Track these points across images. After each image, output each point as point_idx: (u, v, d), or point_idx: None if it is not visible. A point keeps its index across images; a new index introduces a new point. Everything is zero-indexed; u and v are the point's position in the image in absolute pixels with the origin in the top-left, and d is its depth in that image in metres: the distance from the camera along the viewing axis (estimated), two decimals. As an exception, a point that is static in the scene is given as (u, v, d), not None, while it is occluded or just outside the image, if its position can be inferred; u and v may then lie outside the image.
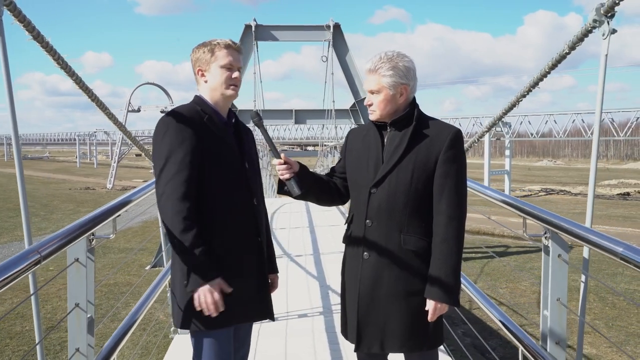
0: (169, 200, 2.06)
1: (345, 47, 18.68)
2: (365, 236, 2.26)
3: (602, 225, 22.87)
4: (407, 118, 2.26)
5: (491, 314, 2.99)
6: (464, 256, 8.68)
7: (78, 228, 2.10)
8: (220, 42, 2.26)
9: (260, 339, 4.06)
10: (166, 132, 2.14)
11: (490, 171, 35.09)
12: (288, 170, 2.23)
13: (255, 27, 18.34)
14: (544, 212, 2.35)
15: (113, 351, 2.36)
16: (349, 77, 18.46)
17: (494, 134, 39.07)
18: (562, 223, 2.25)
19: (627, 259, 1.77)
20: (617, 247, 1.84)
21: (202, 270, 2.07)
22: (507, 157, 37.46)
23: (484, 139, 37.62)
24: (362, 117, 18.23)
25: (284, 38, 19.00)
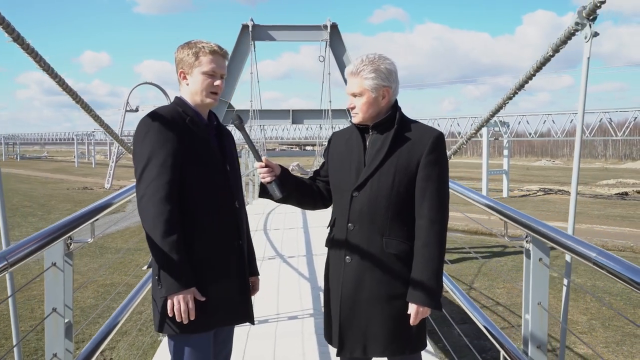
0: (149, 203, 2.05)
1: (342, 47, 18.70)
2: (347, 240, 2.25)
3: (600, 225, 22.89)
4: (389, 121, 2.25)
5: (474, 318, 2.98)
6: (460, 256, 8.75)
7: (52, 232, 2.06)
8: (206, 46, 2.22)
9: (249, 340, 4.06)
10: (147, 133, 2.12)
11: (489, 171, 35.07)
12: (269, 174, 2.22)
13: (252, 27, 18.34)
14: (523, 216, 2.35)
15: (92, 355, 2.33)
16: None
17: (493, 134, 39.09)
18: (539, 227, 2.24)
19: (600, 264, 1.77)
20: (590, 252, 1.85)
21: (179, 277, 2.05)
22: (506, 157, 37.46)
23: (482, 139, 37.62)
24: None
25: (281, 38, 18.99)
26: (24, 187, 35.85)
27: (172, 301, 2.06)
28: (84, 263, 14.31)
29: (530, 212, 26.92)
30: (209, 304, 2.16)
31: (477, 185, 36.60)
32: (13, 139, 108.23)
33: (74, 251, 2.27)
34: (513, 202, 30.69)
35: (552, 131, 42.74)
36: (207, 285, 2.17)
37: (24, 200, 27.94)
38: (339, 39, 18.61)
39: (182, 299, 2.05)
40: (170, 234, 2.02)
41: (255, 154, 2.24)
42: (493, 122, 38.18)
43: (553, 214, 25.86)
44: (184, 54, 2.23)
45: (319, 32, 18.71)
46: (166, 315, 2.13)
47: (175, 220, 2.05)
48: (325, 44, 18.67)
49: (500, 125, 38.26)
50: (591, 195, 34.97)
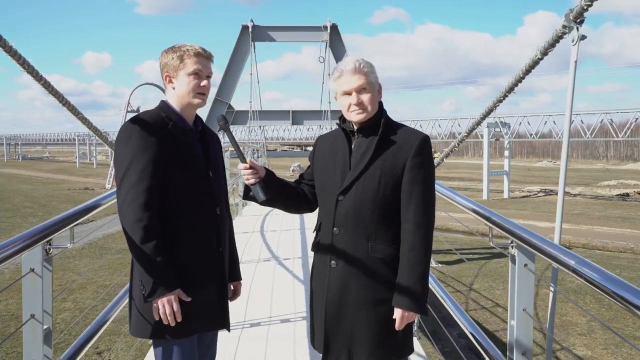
0: (129, 208, 2.04)
1: (342, 48, 18.69)
2: (332, 244, 2.24)
3: (601, 226, 22.82)
4: (374, 124, 2.23)
5: (460, 323, 2.96)
6: (460, 258, 8.71)
7: (29, 237, 2.04)
8: (190, 49, 2.22)
9: (240, 342, 4.05)
10: (129, 139, 2.11)
11: (490, 172, 35.02)
12: (254, 175, 2.19)
13: (252, 27, 18.33)
14: (507, 222, 2.33)
15: (75, 356, 2.29)
16: (346, 78, 18.42)
17: (493, 135, 39.03)
18: (521, 233, 2.23)
19: (579, 272, 1.75)
20: (570, 260, 1.83)
21: (162, 281, 2.05)
22: (507, 158, 37.40)
23: (483, 140, 37.57)
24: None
25: (281, 39, 18.98)
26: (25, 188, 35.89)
27: (156, 305, 2.06)
28: (84, 264, 14.31)
29: (531, 213, 26.89)
30: (187, 309, 2.15)
31: (478, 186, 36.58)
32: (15, 140, 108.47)
33: (54, 256, 2.23)
34: (514, 203, 30.65)
35: (554, 132, 42.69)
36: (187, 290, 2.16)
37: (25, 201, 27.96)
38: (339, 39, 18.62)
39: (166, 302, 2.06)
40: (150, 240, 2.02)
41: (240, 156, 2.22)
42: (494, 123, 38.16)
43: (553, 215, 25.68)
44: (169, 57, 2.23)
45: (319, 33, 18.70)
46: (148, 320, 2.13)
47: (155, 226, 2.05)
48: (325, 44, 18.67)
49: (501, 126, 38.21)
50: (592, 196, 34.90)
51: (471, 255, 17.93)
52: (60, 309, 9.81)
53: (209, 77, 2.27)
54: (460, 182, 44.56)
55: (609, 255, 18.00)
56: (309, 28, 18.91)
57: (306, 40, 19.31)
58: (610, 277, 1.62)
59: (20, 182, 41.81)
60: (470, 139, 59.64)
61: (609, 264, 16.50)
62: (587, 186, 40.24)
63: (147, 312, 2.15)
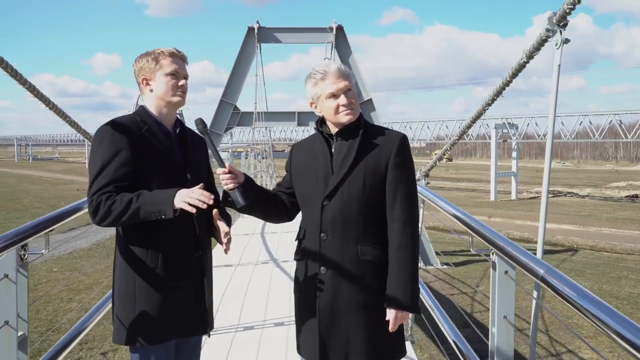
0: (98, 207, 2.07)
1: (348, 49, 18.64)
2: (321, 250, 2.21)
3: (609, 228, 22.64)
4: (353, 127, 2.24)
5: (444, 330, 2.93)
6: (466, 259, 8.65)
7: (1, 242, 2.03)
8: (165, 50, 2.24)
9: (233, 345, 4.05)
10: (101, 142, 2.13)
11: (497, 173, 34.85)
12: (232, 180, 2.17)
13: (258, 29, 18.32)
14: (486, 230, 2.30)
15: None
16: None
17: (501, 136, 38.86)
18: (498, 242, 2.20)
19: (547, 282, 1.73)
20: (539, 269, 1.81)
21: (160, 197, 2.05)
22: (514, 159, 37.19)
23: (491, 141, 37.40)
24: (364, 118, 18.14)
25: (287, 40, 18.98)
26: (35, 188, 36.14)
27: (182, 200, 2.01)
28: (91, 264, 14.36)
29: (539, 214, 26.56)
30: (165, 315, 2.16)
31: (486, 187, 36.41)
32: (25, 141, 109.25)
33: (30, 262, 2.22)
34: (521, 205, 30.49)
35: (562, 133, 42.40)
36: (164, 295, 2.17)
37: (34, 201, 28.15)
38: (345, 41, 18.55)
39: (184, 192, 2.03)
40: (118, 202, 2.05)
41: (218, 160, 2.21)
42: (501, 124, 37.97)
43: (562, 216, 25.61)
44: (144, 62, 2.24)
45: (325, 34, 18.64)
46: (127, 327, 2.13)
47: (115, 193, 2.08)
48: (331, 45, 18.62)
49: (509, 127, 38.03)
50: (601, 197, 34.64)
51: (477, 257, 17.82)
52: (66, 309, 9.85)
53: (186, 78, 2.27)
54: (468, 183, 44.39)
55: (616, 257, 17.84)
56: (315, 29, 18.88)
57: (312, 41, 19.27)
58: (579, 289, 1.58)
59: (30, 182, 42.11)
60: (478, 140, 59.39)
61: (616, 266, 16.35)
62: (596, 187, 39.96)
63: (123, 317, 2.15)
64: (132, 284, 2.17)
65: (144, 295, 2.16)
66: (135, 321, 2.15)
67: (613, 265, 16.55)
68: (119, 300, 2.20)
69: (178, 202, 2.02)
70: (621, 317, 1.36)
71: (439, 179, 47.95)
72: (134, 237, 2.17)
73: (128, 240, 2.19)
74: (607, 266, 16.32)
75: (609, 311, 1.42)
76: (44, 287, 12.72)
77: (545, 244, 16.46)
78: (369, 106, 18.20)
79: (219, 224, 2.22)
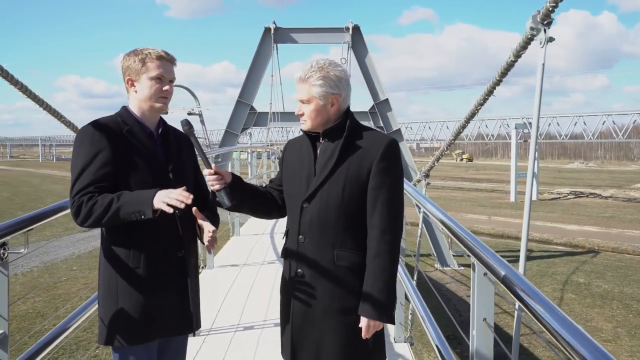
0: (80, 208, 2.07)
1: (364, 49, 18.58)
2: (298, 252, 2.20)
3: (633, 229, 22.17)
4: (339, 128, 2.19)
5: (428, 334, 2.87)
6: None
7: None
8: (152, 52, 2.21)
9: (232, 344, 4.05)
10: (82, 144, 2.13)
11: (518, 173, 34.36)
12: (218, 181, 2.16)
13: (275, 29, 18.36)
14: (465, 234, 2.24)
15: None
16: (368, 79, 18.35)
17: (522, 136, 38.35)
18: (478, 250, 2.16)
19: (506, 283, 1.71)
20: (501, 270, 1.76)
21: (139, 197, 2.04)
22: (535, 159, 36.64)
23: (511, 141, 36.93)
24: (380, 119, 18.08)
25: (303, 40, 18.99)
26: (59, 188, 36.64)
27: (161, 200, 2.00)
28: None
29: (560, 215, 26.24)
30: (146, 315, 2.16)
31: (506, 187, 35.98)
32: (49, 141, 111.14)
33: (11, 262, 2.22)
34: (542, 206, 30.07)
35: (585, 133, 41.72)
36: (145, 295, 2.16)
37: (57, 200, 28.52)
38: (361, 41, 18.49)
39: (163, 193, 2.02)
40: (101, 204, 2.04)
41: (204, 161, 2.20)
42: (522, 124, 37.49)
43: (584, 217, 25.17)
44: (130, 61, 2.22)
45: (341, 34, 18.60)
46: (109, 327, 2.14)
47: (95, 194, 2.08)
48: (347, 46, 18.58)
49: (530, 127, 37.49)
50: (624, 198, 33.97)
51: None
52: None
53: (171, 81, 2.26)
54: (487, 183, 43.91)
55: (639, 260, 17.47)
56: (331, 29, 18.85)
57: (328, 41, 19.23)
58: (534, 291, 1.55)
59: (53, 182, 42.76)
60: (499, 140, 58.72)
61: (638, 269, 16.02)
62: (619, 188, 39.19)
63: (106, 318, 2.16)
64: (114, 284, 2.17)
65: (126, 295, 2.16)
66: (116, 321, 2.15)
67: (635, 267, 16.21)
68: (102, 300, 2.20)
69: (157, 202, 2.01)
70: (566, 320, 1.33)
71: (458, 179, 47.55)
72: (116, 237, 2.18)
73: (111, 241, 2.19)
74: (629, 268, 15.99)
75: (559, 319, 1.39)
76: (64, 285, 12.89)
77: (565, 245, 16.30)
78: (386, 106, 18.14)
79: (203, 223, 2.21)
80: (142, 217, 2.02)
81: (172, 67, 2.26)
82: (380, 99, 18.11)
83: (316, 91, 2.15)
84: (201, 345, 4.10)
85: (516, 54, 2.78)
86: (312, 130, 2.21)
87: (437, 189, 37.84)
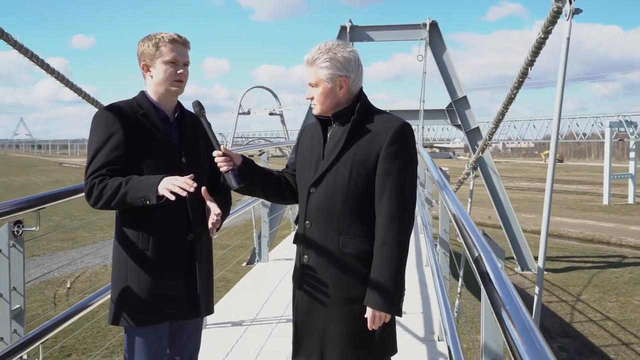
0: (92, 189, 2.11)
1: (442, 46, 18.17)
2: (305, 238, 2.16)
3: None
4: (349, 112, 2.12)
5: (445, 334, 2.64)
6: (569, 265, 8.04)
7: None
8: (165, 36, 2.22)
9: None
10: (96, 127, 2.18)
11: (612, 175, 32.18)
12: (226, 163, 2.13)
13: (350, 28, 18.33)
14: (475, 236, 2.07)
15: (37, 339, 2.33)
16: (445, 76, 17.91)
17: (617, 135, 35.93)
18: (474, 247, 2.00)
19: (478, 262, 1.55)
20: (475, 251, 1.67)
21: (145, 182, 2.06)
22: (632, 160, 34.17)
23: (605, 141, 34.69)
24: (458, 117, 17.57)
25: (379, 38, 18.82)
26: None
27: (165, 187, 2.01)
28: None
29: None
30: (153, 298, 2.17)
31: (599, 190, 33.85)
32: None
33: (25, 238, 2.30)
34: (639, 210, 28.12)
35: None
36: (153, 278, 2.18)
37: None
38: (439, 37, 18.05)
39: (167, 180, 2.03)
40: (111, 187, 2.08)
41: (214, 143, 2.18)
42: (617, 122, 35.12)
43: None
44: (145, 46, 2.24)
45: (418, 31, 18.24)
46: (119, 308, 2.18)
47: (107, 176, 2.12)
48: (424, 42, 18.21)
49: (626, 126, 35.04)
50: None
51: (582, 263, 16.63)
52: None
53: (186, 64, 2.27)
54: (578, 185, 41.51)
55: None
56: (407, 26, 18.54)
57: (404, 38, 18.93)
58: (499, 276, 1.46)
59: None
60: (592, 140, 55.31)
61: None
62: None
63: (116, 299, 2.20)
64: (124, 266, 2.20)
65: (135, 277, 2.18)
66: (125, 302, 2.19)
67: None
68: (114, 281, 2.25)
69: (161, 189, 2.03)
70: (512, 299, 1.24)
71: (545, 180, 45.28)
72: (127, 219, 2.21)
73: (122, 223, 2.23)
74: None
75: (508, 296, 1.32)
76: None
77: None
78: (464, 104, 17.61)
79: (210, 204, 2.20)
80: (147, 202, 2.05)
81: (185, 50, 2.27)
82: (458, 97, 17.60)
83: (323, 73, 2.09)
84: (242, 334, 4.14)
85: (545, 30, 2.53)
86: (323, 114, 2.16)
87: (523, 190, 36.32)
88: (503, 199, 16.44)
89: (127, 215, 2.20)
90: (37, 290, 11.57)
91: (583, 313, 12.18)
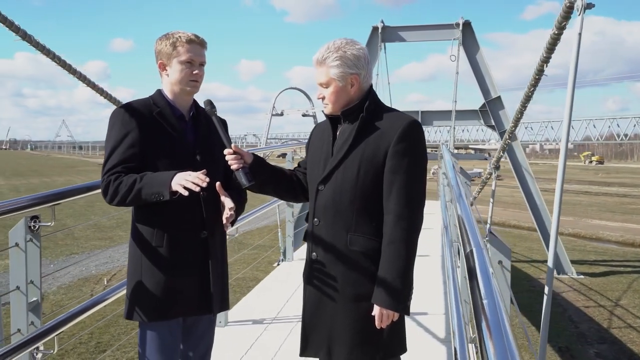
0: (108, 186, 2.16)
1: (475, 46, 17.91)
2: (313, 235, 2.17)
3: None
4: (358, 109, 2.11)
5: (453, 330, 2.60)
6: (608, 269, 7.88)
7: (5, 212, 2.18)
8: (182, 36, 2.25)
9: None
10: (113, 125, 2.23)
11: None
12: (237, 161, 2.15)
13: (382, 28, 18.27)
14: (471, 232, 2.04)
15: (52, 331, 2.38)
16: (479, 77, 17.65)
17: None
18: (466, 242, 1.97)
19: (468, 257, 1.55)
20: (468, 246, 1.63)
21: (159, 179, 2.10)
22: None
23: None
24: (492, 117, 17.30)
25: (411, 38, 18.70)
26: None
27: (176, 186, 2.05)
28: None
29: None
30: (166, 293, 2.20)
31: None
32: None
33: (42, 233, 2.38)
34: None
35: None
36: (167, 274, 2.21)
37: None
38: (472, 37, 17.80)
39: (181, 176, 2.07)
40: (126, 184, 2.13)
41: (225, 141, 2.20)
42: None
43: None
44: (162, 45, 2.27)
45: (451, 30, 18.01)
46: (134, 303, 2.22)
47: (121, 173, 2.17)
48: (457, 42, 17.99)
49: (670, 126, 33.82)
50: None
51: (622, 268, 16.14)
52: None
53: (202, 64, 2.29)
54: (619, 187, 40.29)
55: None
56: (440, 26, 18.33)
57: (437, 38, 18.71)
58: (485, 270, 1.44)
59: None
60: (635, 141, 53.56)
61: None
62: None
63: (130, 294, 2.24)
64: (139, 262, 2.24)
65: (149, 273, 2.22)
66: (139, 297, 2.23)
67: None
68: (129, 277, 2.29)
69: (174, 185, 2.06)
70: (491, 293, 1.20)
71: (585, 182, 44.10)
72: (142, 216, 2.26)
73: (137, 219, 2.27)
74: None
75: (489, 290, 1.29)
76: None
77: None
78: (497, 104, 17.32)
79: (224, 199, 2.22)
80: (161, 198, 2.08)
81: (202, 50, 2.29)
82: (492, 97, 17.32)
83: (334, 72, 2.09)
84: (262, 332, 4.17)
85: (559, 26, 2.46)
86: (335, 113, 2.16)
87: (560, 192, 35.37)
88: (538, 201, 16.11)
89: (142, 212, 2.24)
90: (75, 287, 11.90)
91: (622, 319, 11.82)
